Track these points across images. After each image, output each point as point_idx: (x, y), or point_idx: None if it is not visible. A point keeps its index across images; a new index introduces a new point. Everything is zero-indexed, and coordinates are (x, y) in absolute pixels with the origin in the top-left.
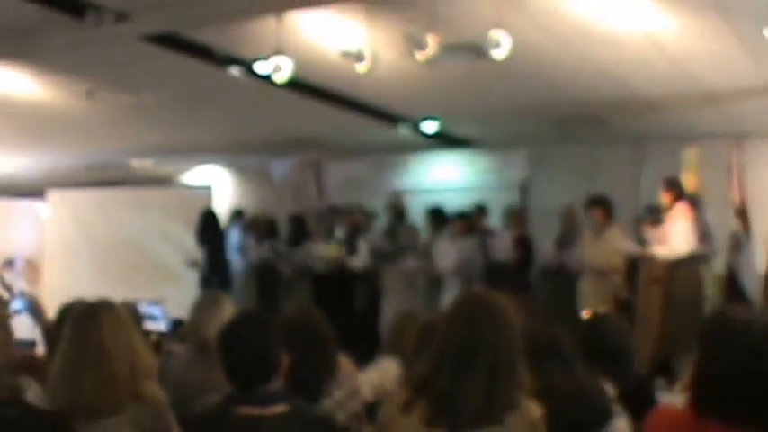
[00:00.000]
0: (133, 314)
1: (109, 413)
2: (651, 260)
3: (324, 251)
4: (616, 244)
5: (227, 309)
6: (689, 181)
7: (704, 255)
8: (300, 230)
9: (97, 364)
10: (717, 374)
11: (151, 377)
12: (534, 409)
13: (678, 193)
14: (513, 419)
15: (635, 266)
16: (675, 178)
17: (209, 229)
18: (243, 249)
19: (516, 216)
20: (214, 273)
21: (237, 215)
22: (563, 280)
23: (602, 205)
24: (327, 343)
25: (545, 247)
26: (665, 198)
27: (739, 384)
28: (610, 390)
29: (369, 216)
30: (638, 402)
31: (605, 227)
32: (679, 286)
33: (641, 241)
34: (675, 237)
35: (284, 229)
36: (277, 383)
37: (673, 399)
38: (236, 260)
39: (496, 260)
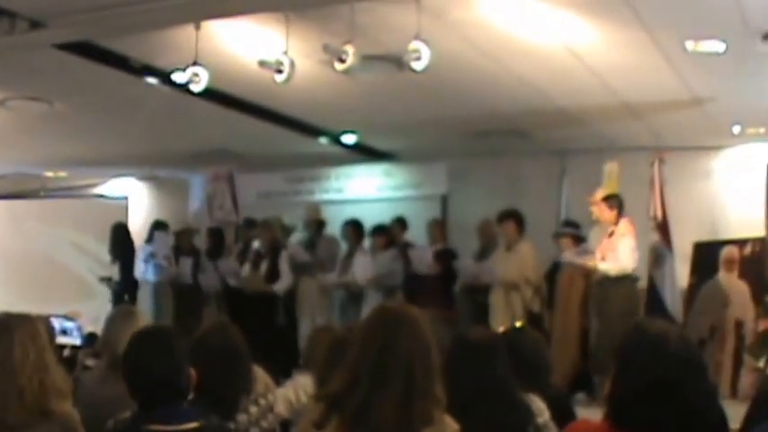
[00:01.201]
0: (47, 329)
1: (15, 429)
2: (572, 273)
3: (249, 282)
4: (528, 256)
5: (142, 323)
6: (599, 194)
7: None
8: (219, 244)
9: (4, 377)
10: (633, 387)
11: (64, 396)
12: (451, 424)
13: (620, 209)
14: None
15: (551, 280)
16: (617, 195)
17: (121, 243)
18: (167, 262)
19: (438, 228)
20: (126, 288)
21: (160, 226)
22: (481, 294)
23: (514, 218)
24: (242, 358)
25: (465, 263)
26: (606, 214)
27: (655, 397)
28: (541, 405)
29: (288, 230)
30: (557, 416)
31: (517, 241)
32: (614, 302)
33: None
34: (623, 253)
35: (199, 242)
36: (187, 400)
37: (593, 414)
38: (152, 273)
39: (418, 273)
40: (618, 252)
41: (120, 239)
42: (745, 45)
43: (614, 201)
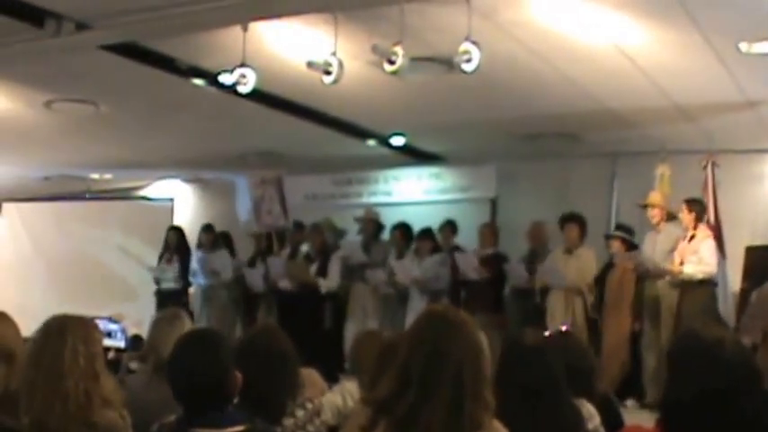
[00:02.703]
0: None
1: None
2: (622, 276)
3: (295, 269)
4: (591, 261)
5: (187, 327)
6: (660, 197)
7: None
8: (269, 247)
9: (50, 379)
10: (687, 394)
11: (112, 406)
12: (500, 429)
13: (699, 213)
14: None
15: (601, 283)
16: (697, 198)
17: (183, 243)
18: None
19: (489, 232)
20: (184, 289)
21: (210, 230)
22: (530, 298)
23: (578, 222)
24: (288, 362)
25: (515, 267)
26: (687, 217)
27: (709, 404)
28: (591, 410)
29: (340, 232)
30: (605, 421)
31: (578, 245)
32: (696, 304)
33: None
34: (708, 255)
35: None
36: (233, 404)
37: (643, 420)
38: (202, 277)
39: (466, 278)
40: (702, 254)
41: (183, 240)
42: None
43: (696, 205)
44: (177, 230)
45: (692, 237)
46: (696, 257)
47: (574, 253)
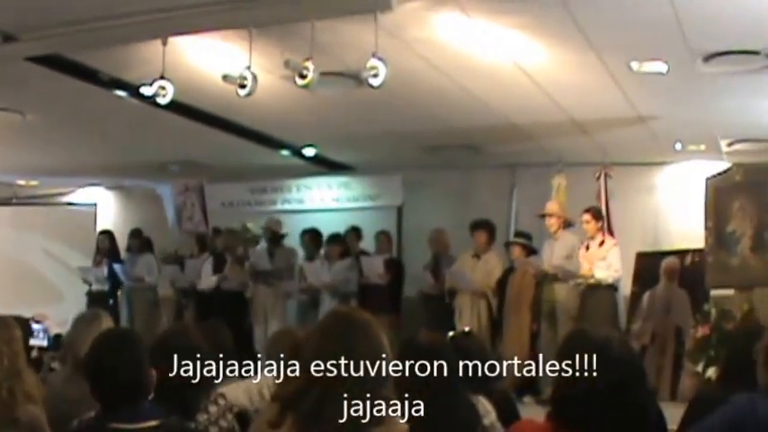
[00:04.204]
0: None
1: None
2: (522, 280)
3: (234, 275)
4: (497, 266)
5: (106, 326)
6: (557, 207)
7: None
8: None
9: None
10: (574, 389)
11: (33, 401)
12: (400, 424)
13: (603, 222)
14: None
15: (503, 286)
16: (600, 208)
17: (114, 247)
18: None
19: (386, 240)
20: (113, 292)
21: (138, 235)
22: (441, 301)
23: (486, 229)
24: (202, 359)
25: (423, 273)
26: (593, 226)
27: (596, 398)
28: (487, 406)
29: (254, 239)
30: (503, 417)
31: (486, 250)
32: (600, 307)
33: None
34: (616, 261)
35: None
36: (148, 400)
37: (537, 412)
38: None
39: (370, 282)
40: (610, 260)
41: (114, 245)
42: (687, 66)
43: (599, 213)
44: (108, 234)
45: (602, 242)
46: (605, 263)
47: (482, 258)
